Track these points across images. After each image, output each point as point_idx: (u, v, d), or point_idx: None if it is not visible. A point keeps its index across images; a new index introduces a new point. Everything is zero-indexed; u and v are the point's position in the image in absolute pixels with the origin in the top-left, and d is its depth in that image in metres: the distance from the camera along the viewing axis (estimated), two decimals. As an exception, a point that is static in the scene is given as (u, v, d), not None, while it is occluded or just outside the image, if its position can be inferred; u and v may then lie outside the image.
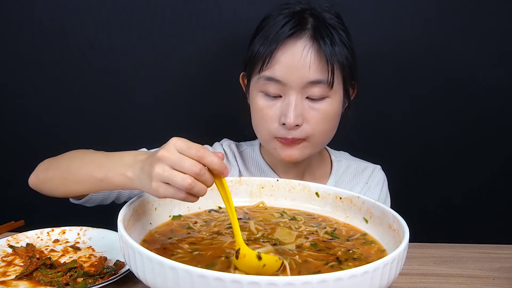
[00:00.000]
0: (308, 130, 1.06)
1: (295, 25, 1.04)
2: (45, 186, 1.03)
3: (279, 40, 1.03)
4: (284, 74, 1.03)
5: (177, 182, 0.73)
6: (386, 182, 1.30)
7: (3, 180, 1.55)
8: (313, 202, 1.02)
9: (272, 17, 1.08)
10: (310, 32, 1.04)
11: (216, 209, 0.99)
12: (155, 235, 0.85)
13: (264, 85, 1.06)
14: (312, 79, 1.02)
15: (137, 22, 1.47)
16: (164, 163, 0.73)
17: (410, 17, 1.48)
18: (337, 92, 1.07)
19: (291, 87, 1.03)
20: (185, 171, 0.73)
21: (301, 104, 1.04)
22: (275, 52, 1.03)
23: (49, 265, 0.92)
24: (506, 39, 1.49)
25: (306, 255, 0.79)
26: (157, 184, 0.74)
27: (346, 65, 1.06)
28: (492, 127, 1.55)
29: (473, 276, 1.01)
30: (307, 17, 1.06)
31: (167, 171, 0.73)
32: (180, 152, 0.74)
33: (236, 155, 1.26)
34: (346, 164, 1.29)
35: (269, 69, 1.04)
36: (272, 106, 1.07)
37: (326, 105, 1.06)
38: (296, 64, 1.02)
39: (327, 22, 1.06)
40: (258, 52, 1.05)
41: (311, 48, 1.02)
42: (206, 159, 0.73)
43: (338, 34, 1.06)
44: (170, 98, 1.51)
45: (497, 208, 1.61)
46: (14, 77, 1.50)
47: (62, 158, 1.05)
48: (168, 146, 0.74)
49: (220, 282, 0.60)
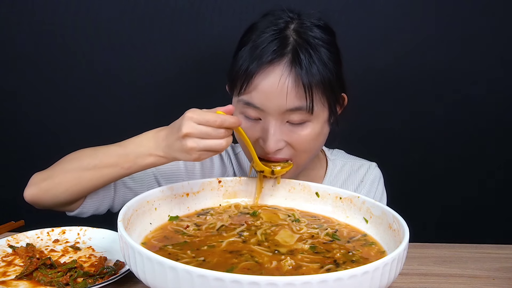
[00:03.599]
0: (291, 152, 1.03)
1: (275, 50, 0.98)
2: (48, 194, 1.04)
3: (258, 65, 0.98)
4: (261, 101, 0.99)
5: (216, 148, 0.86)
6: (382, 179, 1.29)
7: (3, 180, 1.55)
8: (313, 202, 1.02)
9: (256, 32, 1.02)
10: (289, 56, 0.98)
11: (214, 206, 1.00)
12: (152, 240, 0.85)
13: (244, 108, 1.02)
14: (290, 107, 0.98)
15: (136, 23, 1.47)
16: (193, 137, 0.85)
17: (411, 17, 1.48)
18: (320, 115, 1.02)
19: (270, 114, 0.99)
20: (214, 137, 0.85)
21: (280, 129, 1.00)
22: (253, 78, 0.98)
23: (49, 265, 0.92)
24: (505, 45, 1.50)
25: (301, 259, 0.79)
26: (197, 154, 0.86)
27: (328, 86, 1.00)
28: (493, 128, 1.55)
29: (473, 276, 1.01)
30: (290, 36, 1.00)
31: (201, 143, 0.85)
32: (200, 124, 0.85)
33: (231, 157, 1.26)
34: (341, 163, 1.28)
35: (247, 94, 1.00)
36: (253, 128, 1.03)
37: (307, 129, 1.02)
38: (274, 91, 0.97)
39: (310, 41, 1.00)
40: (238, 72, 1.01)
41: (289, 75, 0.97)
42: (225, 124, 0.86)
43: (318, 54, 0.99)
44: (167, 98, 1.52)
45: (497, 208, 1.61)
46: (14, 77, 1.50)
47: (64, 163, 1.06)
48: (188, 123, 0.85)
49: (220, 282, 0.60)
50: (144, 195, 0.89)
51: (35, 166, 1.09)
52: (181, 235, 0.86)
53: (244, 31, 1.07)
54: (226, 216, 0.95)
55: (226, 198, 1.02)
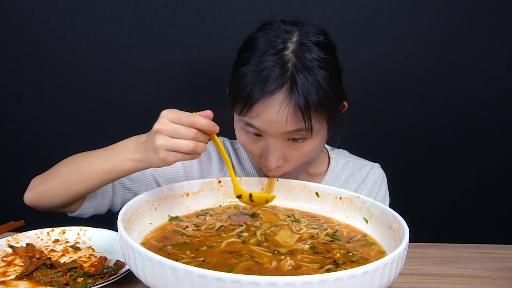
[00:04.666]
0: (292, 165, 1.05)
1: (275, 77, 0.97)
2: (44, 198, 1.06)
3: (259, 94, 0.97)
4: (262, 126, 1.00)
5: (182, 148, 0.84)
6: (385, 180, 1.29)
7: (3, 180, 1.55)
8: (313, 202, 1.02)
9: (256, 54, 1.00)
10: (288, 84, 0.97)
11: (213, 207, 1.00)
12: (151, 241, 0.85)
13: (245, 125, 1.03)
14: (289, 130, 0.99)
15: (137, 22, 1.47)
16: (163, 134, 0.84)
17: (411, 18, 1.48)
18: (320, 130, 1.03)
19: (270, 135, 1.01)
20: (183, 137, 0.84)
21: (281, 147, 1.02)
22: (253, 106, 0.98)
23: (49, 265, 0.92)
24: (507, 43, 1.50)
25: (301, 259, 0.79)
26: (164, 154, 0.85)
27: (327, 105, 1.00)
28: (492, 128, 1.55)
29: (473, 276, 1.01)
30: (289, 60, 0.98)
31: (169, 141, 0.84)
32: (173, 122, 0.84)
33: (230, 152, 1.26)
34: (344, 162, 1.28)
35: (248, 117, 1.00)
36: (254, 143, 1.04)
37: (307, 145, 1.03)
38: (274, 119, 0.98)
39: (307, 65, 0.98)
40: (239, 94, 1.00)
41: (288, 104, 0.97)
42: (197, 124, 0.84)
43: (316, 77, 0.98)
44: (167, 97, 1.52)
45: (498, 208, 1.61)
46: (14, 78, 1.50)
47: (58, 167, 1.07)
48: (162, 119, 0.85)
49: (220, 282, 0.60)
50: (144, 195, 0.89)
51: (36, 167, 1.09)
52: (180, 235, 0.86)
53: (243, 45, 1.06)
54: (226, 217, 0.95)
55: (227, 198, 1.02)
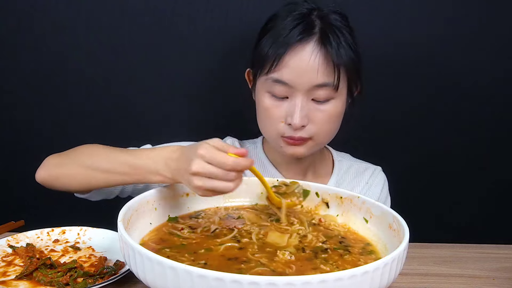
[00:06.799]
0: (313, 130, 1.09)
1: (303, 30, 1.05)
2: (58, 181, 1.05)
3: (288, 45, 1.04)
4: (291, 78, 1.05)
5: (222, 189, 0.83)
6: (387, 183, 1.31)
7: (3, 180, 1.55)
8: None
9: (280, 18, 1.09)
10: (317, 36, 1.05)
11: (213, 207, 1.00)
12: (149, 243, 0.84)
13: (271, 86, 1.07)
14: (319, 82, 1.04)
15: (142, 20, 1.46)
16: (201, 176, 0.82)
17: (412, 19, 1.48)
18: (342, 93, 1.09)
19: (298, 90, 1.05)
20: (221, 179, 0.82)
21: (307, 105, 1.07)
22: (283, 56, 1.04)
23: (49, 265, 0.92)
24: (507, 41, 1.50)
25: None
26: (203, 193, 0.84)
27: (352, 67, 1.08)
28: (493, 128, 1.55)
29: (473, 276, 1.01)
30: (315, 20, 1.07)
31: (207, 183, 0.82)
32: (210, 163, 0.82)
33: None
34: (347, 164, 1.29)
35: (277, 72, 1.05)
36: (279, 106, 1.09)
37: (331, 106, 1.08)
38: (304, 68, 1.04)
39: (334, 24, 1.07)
40: (266, 54, 1.06)
41: (319, 53, 1.04)
42: (236, 169, 0.82)
43: (344, 36, 1.07)
44: (174, 95, 1.51)
45: (498, 208, 1.61)
46: (14, 77, 1.50)
47: (79, 154, 1.05)
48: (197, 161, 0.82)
49: (220, 282, 0.60)
50: (144, 195, 0.89)
51: (36, 166, 1.09)
52: (176, 237, 0.86)
53: (266, 20, 1.13)
54: (217, 219, 0.94)
55: (227, 198, 1.02)
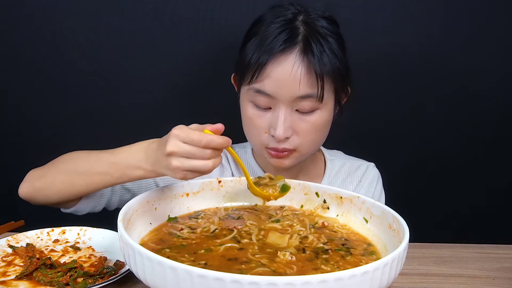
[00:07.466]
0: (298, 141, 1.07)
1: (286, 39, 1.01)
2: (40, 194, 1.05)
3: (270, 54, 1.01)
4: (273, 89, 1.02)
5: (200, 169, 0.82)
6: (381, 179, 1.30)
7: (3, 180, 1.55)
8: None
9: (265, 24, 1.05)
10: (300, 45, 1.02)
11: (213, 207, 1.00)
12: (149, 243, 0.84)
13: (254, 96, 1.05)
14: (301, 94, 1.02)
15: (137, 22, 1.47)
16: (177, 156, 0.82)
17: (411, 19, 1.48)
18: (328, 102, 1.06)
19: (281, 101, 1.03)
20: (199, 158, 0.81)
21: (290, 116, 1.04)
22: (265, 66, 1.01)
23: (49, 265, 0.92)
24: (507, 41, 1.49)
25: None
26: (182, 174, 0.83)
27: (337, 75, 1.05)
28: (492, 127, 1.55)
29: (473, 276, 1.01)
30: (299, 27, 1.04)
31: (185, 163, 0.81)
32: (185, 142, 0.81)
33: (228, 157, 1.26)
34: (340, 163, 1.28)
35: (259, 82, 1.03)
36: (262, 117, 1.06)
37: (316, 117, 1.05)
38: (286, 79, 1.01)
39: (319, 31, 1.04)
40: (248, 62, 1.03)
41: (301, 64, 1.01)
42: (211, 145, 0.81)
43: (328, 44, 1.03)
44: (166, 98, 1.51)
45: (498, 208, 1.61)
46: (14, 77, 1.50)
47: (59, 164, 1.06)
48: (173, 140, 0.82)
49: (220, 282, 0.60)
50: (144, 195, 0.89)
51: (36, 166, 1.09)
52: (176, 238, 0.86)
53: (252, 24, 1.10)
54: (217, 219, 0.94)
55: (227, 198, 1.02)
